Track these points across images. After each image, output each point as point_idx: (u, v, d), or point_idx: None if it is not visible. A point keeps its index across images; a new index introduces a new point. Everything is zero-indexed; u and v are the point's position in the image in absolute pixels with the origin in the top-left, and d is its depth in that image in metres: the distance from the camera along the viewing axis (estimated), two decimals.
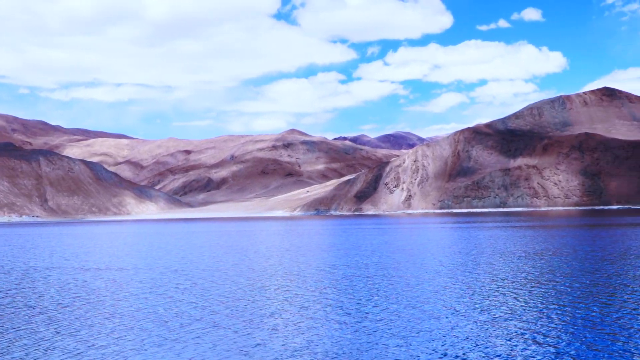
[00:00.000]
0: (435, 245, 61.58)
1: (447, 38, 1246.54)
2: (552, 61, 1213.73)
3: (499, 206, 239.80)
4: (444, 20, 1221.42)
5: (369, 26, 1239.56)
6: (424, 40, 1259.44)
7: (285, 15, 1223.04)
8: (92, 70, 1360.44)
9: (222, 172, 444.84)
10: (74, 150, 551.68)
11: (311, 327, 23.29)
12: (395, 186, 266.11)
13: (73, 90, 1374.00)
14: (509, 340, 20.52)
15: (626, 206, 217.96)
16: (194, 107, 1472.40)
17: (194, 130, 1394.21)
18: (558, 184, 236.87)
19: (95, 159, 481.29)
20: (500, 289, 31.04)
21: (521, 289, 30.70)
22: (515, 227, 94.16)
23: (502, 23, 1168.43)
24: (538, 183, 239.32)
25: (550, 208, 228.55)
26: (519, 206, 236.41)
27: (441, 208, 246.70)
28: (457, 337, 21.13)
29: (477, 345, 20.04)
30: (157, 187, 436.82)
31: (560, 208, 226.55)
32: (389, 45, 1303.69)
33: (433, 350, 19.58)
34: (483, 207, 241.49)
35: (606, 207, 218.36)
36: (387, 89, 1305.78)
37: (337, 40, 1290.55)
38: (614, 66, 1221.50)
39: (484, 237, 71.08)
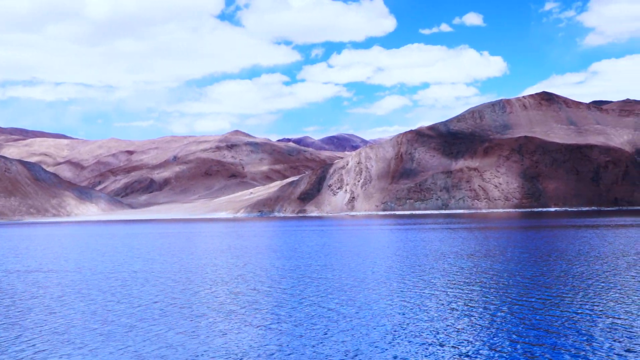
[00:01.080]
0: (371, 247, 62.01)
1: (390, 41, 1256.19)
2: (493, 65, 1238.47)
3: (441, 208, 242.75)
4: (388, 24, 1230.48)
5: (313, 28, 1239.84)
6: (368, 43, 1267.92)
7: (229, 16, 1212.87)
8: (31, 69, 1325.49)
9: (165, 173, 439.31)
10: (11, 150, 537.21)
11: (231, 329, 23.22)
12: (338, 188, 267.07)
13: (10, 89, 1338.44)
14: (420, 341, 20.81)
15: (563, 208, 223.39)
16: (135, 108, 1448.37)
17: (136, 130, 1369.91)
18: (498, 186, 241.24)
19: (33, 159, 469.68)
20: (425, 290, 31.45)
21: (445, 290, 31.18)
22: (453, 229, 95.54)
23: (445, 27, 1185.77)
24: (479, 185, 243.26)
25: (490, 210, 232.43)
26: (460, 208, 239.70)
27: (384, 210, 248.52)
28: (371, 338, 21.32)
29: (389, 345, 20.26)
30: (98, 188, 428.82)
31: (501, 210, 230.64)
32: (332, 48, 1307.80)
33: (345, 351, 19.72)
34: (426, 208, 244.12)
35: (544, 209, 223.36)
36: (330, 91, 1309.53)
37: (281, 42, 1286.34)
38: (552, 71, 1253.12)
39: (420, 239, 71.92)
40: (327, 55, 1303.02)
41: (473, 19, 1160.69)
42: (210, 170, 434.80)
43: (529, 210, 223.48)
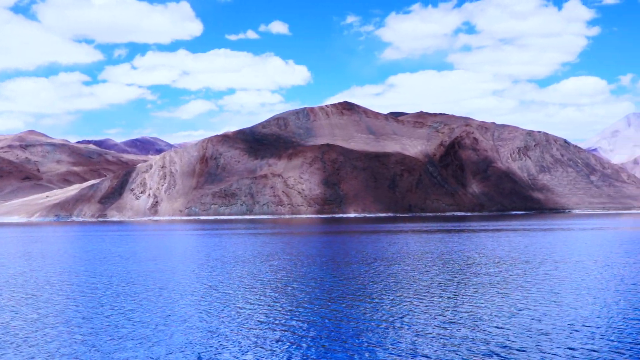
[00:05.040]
0: (153, 253, 59.73)
1: (196, 45, 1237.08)
2: (298, 74, 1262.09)
3: (245, 213, 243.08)
4: (194, 27, 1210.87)
5: (116, 28, 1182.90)
6: (173, 46, 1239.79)
7: (23, 9, 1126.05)
8: None
9: None
10: None
11: None
12: (141, 192, 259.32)
13: None
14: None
15: (362, 214, 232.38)
16: None
17: None
18: (301, 192, 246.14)
19: None
20: (187, 294, 30.01)
21: (204, 295, 29.94)
22: (241, 235, 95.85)
23: (251, 34, 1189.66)
24: (283, 191, 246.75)
25: (294, 215, 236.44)
26: (264, 213, 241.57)
27: (188, 215, 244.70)
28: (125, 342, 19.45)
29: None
30: None
31: (303, 216, 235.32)
32: (137, 49, 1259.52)
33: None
34: (230, 214, 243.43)
35: (345, 215, 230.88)
36: (134, 93, 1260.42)
37: (82, 40, 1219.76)
38: (353, 82, 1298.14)
39: (203, 245, 70.86)
40: (131, 56, 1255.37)
41: (279, 27, 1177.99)
42: (2, 171, 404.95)
43: (330, 216, 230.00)
